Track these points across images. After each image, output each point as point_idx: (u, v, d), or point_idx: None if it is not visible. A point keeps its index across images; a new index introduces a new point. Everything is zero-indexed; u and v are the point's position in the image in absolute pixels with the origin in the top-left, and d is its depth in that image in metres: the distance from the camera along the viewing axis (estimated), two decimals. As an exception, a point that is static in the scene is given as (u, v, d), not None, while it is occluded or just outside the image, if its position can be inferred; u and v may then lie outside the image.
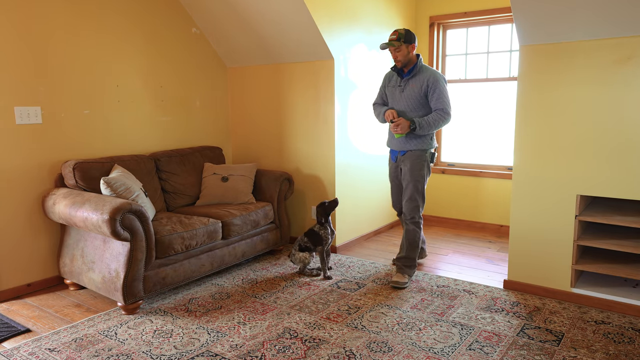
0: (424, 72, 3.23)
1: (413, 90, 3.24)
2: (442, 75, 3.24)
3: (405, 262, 3.40)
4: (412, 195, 3.34)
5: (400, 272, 3.38)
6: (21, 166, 3.22)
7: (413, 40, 3.20)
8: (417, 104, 3.25)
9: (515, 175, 3.16)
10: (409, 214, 3.37)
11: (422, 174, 3.32)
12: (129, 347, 2.55)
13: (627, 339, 2.57)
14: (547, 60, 2.95)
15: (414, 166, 3.31)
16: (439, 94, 3.19)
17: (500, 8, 4.38)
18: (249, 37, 4.11)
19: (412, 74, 3.25)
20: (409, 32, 3.19)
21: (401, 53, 3.20)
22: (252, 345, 2.55)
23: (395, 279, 3.32)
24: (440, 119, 3.20)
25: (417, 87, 3.22)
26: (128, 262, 2.86)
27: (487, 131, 4.77)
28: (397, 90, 3.33)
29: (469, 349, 2.50)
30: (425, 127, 3.19)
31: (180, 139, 4.22)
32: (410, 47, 3.20)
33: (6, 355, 2.49)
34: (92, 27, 3.52)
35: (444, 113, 3.20)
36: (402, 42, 3.17)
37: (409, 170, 3.32)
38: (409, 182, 3.33)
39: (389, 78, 3.44)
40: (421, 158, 3.31)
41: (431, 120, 3.20)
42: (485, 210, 4.76)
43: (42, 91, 3.28)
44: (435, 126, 3.21)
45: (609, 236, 3.05)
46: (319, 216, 3.50)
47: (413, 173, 3.31)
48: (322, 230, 3.48)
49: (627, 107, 2.75)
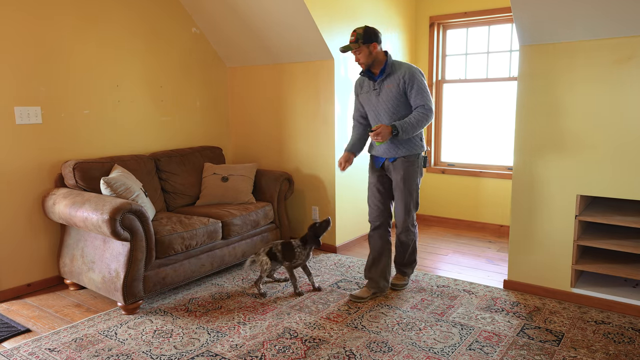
0: (398, 69, 2.94)
1: (390, 91, 2.94)
2: (418, 69, 2.97)
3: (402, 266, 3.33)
4: (407, 206, 3.07)
5: (400, 274, 3.33)
6: (21, 166, 3.21)
7: (374, 38, 2.89)
8: (397, 105, 2.95)
9: (515, 175, 3.16)
10: (402, 226, 3.12)
11: (415, 181, 3.06)
12: (129, 347, 2.55)
13: (627, 339, 2.57)
14: (547, 60, 2.95)
15: (407, 175, 3.02)
16: (417, 89, 2.89)
17: (500, 8, 4.38)
18: (249, 37, 4.11)
19: (385, 73, 2.95)
20: (368, 30, 2.89)
21: (362, 55, 2.90)
22: (252, 345, 2.55)
23: (395, 281, 3.27)
24: (422, 117, 2.89)
25: (394, 86, 2.93)
26: (128, 262, 2.86)
27: (487, 131, 4.77)
28: (373, 95, 3.02)
29: (469, 349, 2.50)
30: (408, 130, 2.87)
31: (180, 139, 4.22)
32: (371, 47, 2.89)
33: (6, 355, 2.49)
34: (92, 27, 3.52)
35: (425, 110, 2.90)
36: (360, 44, 2.87)
37: (402, 179, 3.02)
38: (402, 193, 3.04)
39: (360, 85, 3.11)
40: (414, 165, 3.03)
41: (413, 121, 2.88)
42: (485, 210, 4.76)
43: (42, 91, 3.28)
44: (419, 126, 2.90)
45: (609, 236, 3.05)
46: (308, 237, 3.17)
47: (407, 183, 3.02)
48: (299, 249, 3.17)
49: (627, 107, 2.75)
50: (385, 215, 3.17)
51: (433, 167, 5.01)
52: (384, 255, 3.17)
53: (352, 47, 2.90)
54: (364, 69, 2.99)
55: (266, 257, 3.18)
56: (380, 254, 3.16)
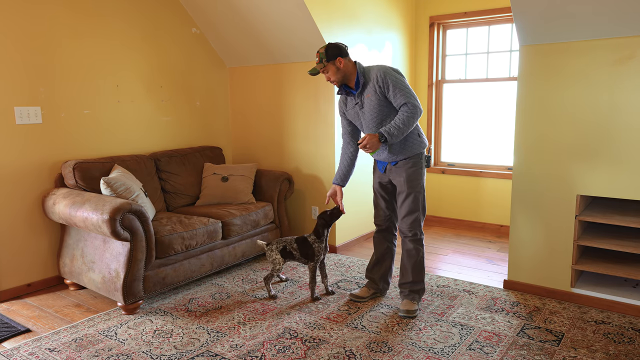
0: (369, 75, 2.81)
1: (371, 100, 2.80)
2: (389, 67, 2.80)
3: (412, 286, 2.95)
4: (412, 209, 2.87)
5: (409, 299, 2.94)
6: (21, 166, 3.22)
7: (338, 53, 2.78)
8: (383, 112, 2.80)
9: (515, 175, 3.16)
10: (409, 231, 2.89)
11: (421, 184, 2.88)
12: (129, 347, 2.55)
13: (627, 339, 2.57)
14: (547, 60, 2.95)
15: (411, 177, 2.86)
16: (394, 88, 2.71)
17: (500, 8, 4.38)
18: (249, 37, 4.11)
19: (360, 84, 2.82)
20: (330, 47, 2.78)
21: (331, 72, 2.80)
22: (252, 345, 2.55)
23: (405, 308, 2.89)
24: (409, 115, 2.70)
25: (372, 94, 2.79)
26: (128, 262, 2.86)
27: (487, 131, 4.76)
28: (357, 109, 2.89)
29: (469, 349, 2.50)
30: (396, 133, 2.69)
31: (180, 139, 4.22)
32: (337, 62, 2.77)
33: (6, 355, 2.49)
34: (92, 27, 3.52)
35: (409, 107, 2.70)
36: (325, 62, 2.78)
37: (405, 181, 2.86)
38: (408, 195, 2.87)
39: (344, 103, 2.99)
40: (417, 165, 2.87)
41: (399, 122, 2.70)
42: (485, 210, 4.76)
43: (42, 91, 3.28)
44: (406, 126, 2.71)
45: (609, 236, 3.05)
46: (320, 228, 3.07)
47: (411, 184, 2.86)
48: (317, 244, 3.07)
49: (628, 107, 2.75)
50: (392, 219, 3.09)
51: (433, 167, 5.01)
52: (387, 257, 3.13)
53: (319, 68, 2.81)
54: (337, 86, 2.87)
55: (279, 256, 3.11)
56: (383, 255, 3.12)
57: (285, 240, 3.15)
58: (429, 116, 4.95)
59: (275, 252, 3.11)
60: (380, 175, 3.02)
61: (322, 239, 3.08)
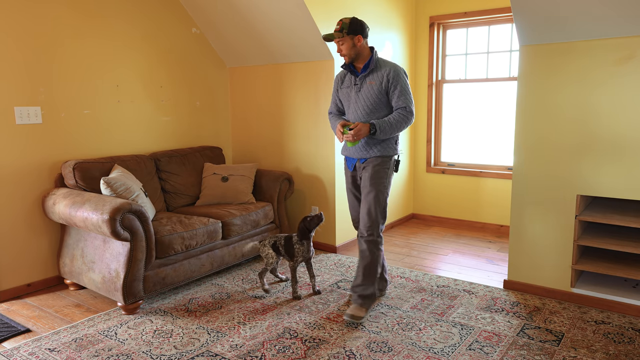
0: (382, 67, 2.80)
1: (372, 88, 2.79)
2: (402, 69, 2.83)
3: (362, 290, 2.84)
4: (370, 208, 2.81)
5: (357, 304, 2.83)
6: (21, 166, 3.22)
7: (360, 30, 2.75)
8: (376, 104, 2.81)
9: (515, 175, 3.16)
10: (365, 231, 2.81)
11: (384, 182, 2.83)
12: (129, 347, 2.55)
13: (627, 339, 2.57)
14: (547, 60, 2.95)
15: (375, 173, 2.82)
16: (400, 90, 2.76)
17: (500, 8, 4.38)
18: (249, 37, 4.11)
19: (368, 69, 2.80)
20: (355, 22, 2.75)
21: (346, 46, 2.76)
22: (252, 345, 2.55)
23: (351, 312, 2.78)
24: (402, 119, 2.75)
25: (376, 83, 2.78)
26: (128, 262, 2.86)
27: (487, 131, 4.77)
28: (353, 90, 2.87)
29: (469, 349, 2.50)
30: (387, 130, 2.73)
31: (180, 139, 4.22)
32: (356, 39, 2.75)
33: (6, 355, 2.49)
34: (92, 28, 3.52)
35: (406, 112, 2.76)
36: (344, 34, 2.73)
37: (369, 177, 2.82)
38: (368, 192, 2.82)
39: (341, 79, 2.97)
40: (384, 165, 2.83)
41: (393, 121, 2.74)
42: (485, 210, 4.76)
43: (42, 91, 3.28)
44: (397, 128, 2.76)
45: (609, 236, 3.05)
46: (299, 232, 3.10)
47: (374, 181, 2.81)
48: (298, 245, 3.10)
49: (627, 107, 2.75)
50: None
51: (433, 167, 5.02)
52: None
53: (336, 37, 2.76)
54: (346, 61, 2.83)
55: (271, 250, 3.17)
56: None
57: (277, 236, 3.22)
58: (428, 116, 4.95)
59: (267, 247, 3.19)
60: (350, 174, 3.00)
61: (303, 241, 3.11)
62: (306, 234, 3.10)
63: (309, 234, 3.10)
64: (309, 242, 3.12)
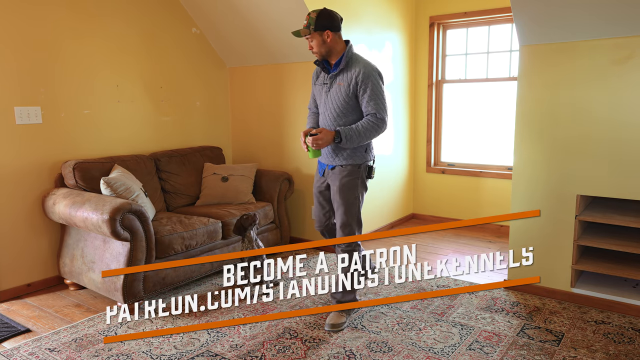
0: (353, 65, 2.54)
1: (340, 90, 2.55)
2: (376, 69, 2.56)
3: (341, 297, 2.73)
4: (345, 222, 2.67)
5: (336, 312, 2.75)
6: (21, 166, 3.21)
7: (329, 25, 2.49)
8: (344, 107, 2.57)
9: (515, 175, 3.16)
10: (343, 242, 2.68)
11: (355, 194, 2.66)
12: (129, 347, 2.55)
13: (627, 339, 2.57)
14: (547, 60, 2.95)
15: (344, 186, 2.63)
16: (370, 94, 2.50)
17: (500, 8, 4.38)
18: (249, 37, 4.11)
19: (338, 68, 2.56)
20: (323, 15, 2.48)
21: (315, 43, 2.52)
22: (252, 345, 2.55)
23: (331, 322, 2.69)
24: (371, 127, 2.51)
25: (344, 84, 2.54)
26: (128, 262, 2.86)
27: (487, 131, 4.76)
28: (323, 89, 2.65)
29: (469, 349, 2.50)
30: (353, 139, 2.49)
31: (180, 139, 4.22)
32: (325, 35, 2.49)
33: (6, 355, 2.49)
34: (92, 28, 3.52)
35: (376, 119, 2.51)
36: (311, 30, 2.49)
37: (338, 191, 2.65)
38: (340, 206, 2.66)
39: (316, 74, 2.74)
40: (353, 175, 2.63)
41: (360, 129, 2.50)
42: (485, 210, 4.75)
43: (42, 91, 3.28)
44: (366, 137, 2.52)
45: (609, 236, 3.04)
46: (234, 228, 3.16)
47: (344, 195, 2.64)
48: (241, 243, 3.19)
49: (627, 107, 2.75)
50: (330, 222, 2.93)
51: (433, 167, 5.01)
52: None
53: (302, 34, 2.53)
54: (319, 58, 2.60)
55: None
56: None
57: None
58: (428, 116, 4.95)
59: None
60: (318, 179, 2.84)
61: (243, 239, 3.15)
62: (241, 231, 3.15)
63: (244, 232, 3.14)
64: (250, 240, 3.14)
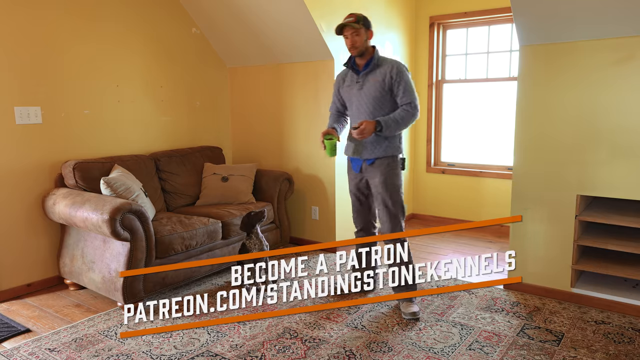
0: (385, 64, 2.80)
1: (374, 86, 2.78)
2: (405, 65, 2.85)
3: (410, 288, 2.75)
4: (392, 214, 2.84)
5: (408, 301, 2.88)
6: (21, 166, 3.21)
7: (371, 26, 2.79)
8: (380, 101, 2.79)
9: (515, 175, 3.16)
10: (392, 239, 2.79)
11: (399, 184, 2.85)
12: (129, 347, 2.55)
13: (627, 339, 2.57)
14: (547, 60, 2.95)
15: (388, 178, 2.81)
16: (405, 87, 2.76)
17: (500, 8, 4.38)
18: (249, 37, 4.11)
19: (370, 67, 2.80)
20: (367, 18, 2.78)
21: (360, 38, 2.73)
22: (252, 345, 2.55)
23: (412, 310, 2.82)
24: (408, 115, 2.75)
25: (379, 80, 2.77)
26: (128, 262, 2.86)
27: (487, 131, 4.76)
28: (355, 88, 2.85)
29: (469, 349, 2.50)
30: (392, 127, 2.71)
31: (180, 139, 4.22)
32: (368, 33, 2.77)
33: (6, 355, 2.49)
34: (92, 27, 3.52)
35: (412, 108, 2.75)
36: (361, 25, 2.73)
37: (382, 183, 2.81)
38: (385, 198, 2.82)
39: (342, 78, 2.96)
40: (392, 166, 2.82)
41: (398, 118, 2.72)
42: (485, 210, 4.75)
43: (42, 91, 3.28)
44: (403, 124, 2.75)
45: (609, 236, 3.04)
46: (242, 225, 3.22)
47: (389, 186, 2.81)
48: (247, 240, 3.20)
49: (627, 107, 2.75)
50: (371, 221, 3.09)
51: (433, 167, 5.01)
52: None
53: (354, 27, 2.71)
54: (354, 54, 2.80)
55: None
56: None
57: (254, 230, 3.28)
58: (428, 116, 4.95)
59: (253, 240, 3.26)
60: (355, 176, 2.97)
61: (250, 236, 3.20)
62: (249, 228, 3.19)
63: (252, 228, 3.19)
64: (257, 236, 3.19)
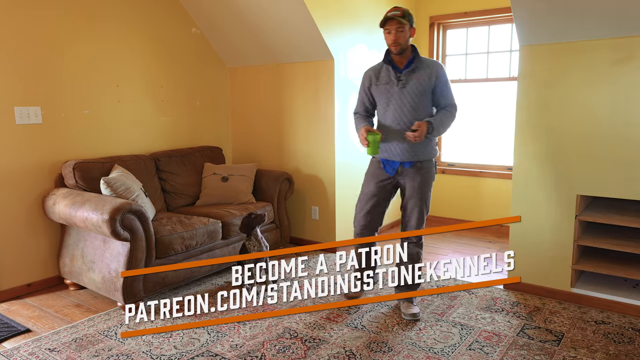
0: (427, 63, 2.73)
1: (420, 84, 2.67)
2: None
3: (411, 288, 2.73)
4: (421, 217, 2.82)
5: (408, 302, 2.89)
6: (21, 166, 3.21)
7: (414, 23, 2.75)
8: (423, 99, 2.71)
9: (515, 175, 3.16)
10: (415, 237, 2.84)
11: (430, 189, 2.84)
12: (129, 347, 2.55)
13: (627, 339, 2.57)
14: (547, 60, 2.95)
15: (424, 182, 2.78)
16: (448, 86, 2.74)
17: (500, 8, 4.38)
18: (249, 37, 4.11)
19: (413, 65, 2.70)
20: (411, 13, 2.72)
21: (403, 35, 2.65)
22: (252, 345, 2.55)
23: (412, 312, 2.82)
24: (451, 115, 2.74)
25: (425, 80, 2.68)
26: (128, 262, 2.86)
27: (487, 131, 4.77)
28: (395, 86, 2.72)
29: (469, 349, 2.50)
30: (439, 129, 2.69)
31: (180, 139, 4.22)
32: (412, 31, 2.71)
33: (6, 355, 2.49)
34: (92, 28, 3.52)
35: (453, 109, 2.75)
36: (407, 21, 2.65)
37: (418, 187, 2.76)
38: (418, 202, 2.78)
39: (375, 75, 2.82)
40: (430, 171, 2.82)
41: (444, 119, 2.69)
42: (485, 210, 4.75)
43: (42, 91, 3.28)
44: (447, 125, 2.74)
45: (609, 236, 3.04)
46: (242, 227, 3.23)
47: (424, 191, 2.78)
48: (246, 241, 3.20)
49: (627, 107, 2.75)
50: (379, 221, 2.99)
51: (433, 167, 5.02)
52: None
53: (401, 22, 2.62)
54: (395, 51, 2.69)
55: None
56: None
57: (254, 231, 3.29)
58: (429, 116, 4.95)
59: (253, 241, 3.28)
60: (384, 178, 2.85)
61: (250, 237, 3.20)
62: (249, 229, 3.19)
63: (251, 230, 3.19)
64: (257, 237, 3.20)
